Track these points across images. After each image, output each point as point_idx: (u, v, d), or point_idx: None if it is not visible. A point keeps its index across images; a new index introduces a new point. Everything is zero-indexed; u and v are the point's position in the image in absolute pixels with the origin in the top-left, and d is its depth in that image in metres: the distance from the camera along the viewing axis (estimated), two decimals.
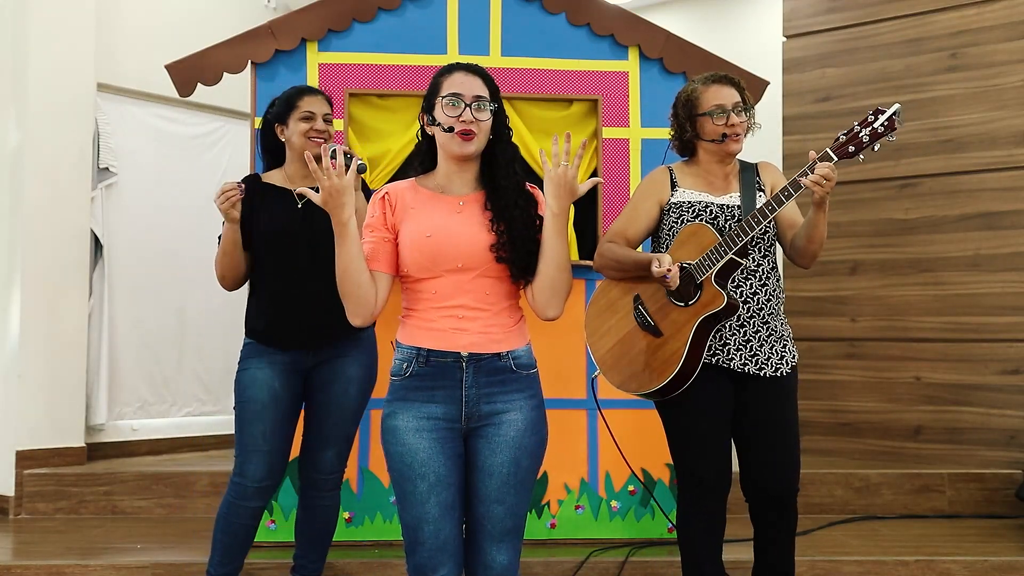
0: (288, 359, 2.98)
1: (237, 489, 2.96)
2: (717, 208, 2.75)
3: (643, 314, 2.73)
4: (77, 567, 3.42)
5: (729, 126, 2.74)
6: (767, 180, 2.85)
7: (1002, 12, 4.75)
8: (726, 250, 2.62)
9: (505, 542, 2.23)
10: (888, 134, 2.56)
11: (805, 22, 5.27)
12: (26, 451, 4.42)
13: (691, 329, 2.63)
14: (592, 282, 3.80)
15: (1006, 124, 4.69)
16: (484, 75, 2.27)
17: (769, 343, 2.73)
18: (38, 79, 4.55)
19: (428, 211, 2.23)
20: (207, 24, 5.25)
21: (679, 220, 2.76)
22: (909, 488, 4.37)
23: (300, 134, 3.00)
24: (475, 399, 2.20)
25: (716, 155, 2.79)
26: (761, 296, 2.73)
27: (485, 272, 2.21)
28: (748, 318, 2.71)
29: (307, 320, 2.95)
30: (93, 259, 4.94)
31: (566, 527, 3.77)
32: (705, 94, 2.77)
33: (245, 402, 2.96)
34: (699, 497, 2.76)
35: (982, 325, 4.69)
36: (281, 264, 2.98)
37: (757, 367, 2.70)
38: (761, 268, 2.74)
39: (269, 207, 3.01)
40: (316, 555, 3.15)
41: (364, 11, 3.79)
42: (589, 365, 3.81)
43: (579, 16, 3.86)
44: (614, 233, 2.84)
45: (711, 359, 2.70)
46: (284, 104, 3.06)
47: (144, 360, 5.21)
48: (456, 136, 2.20)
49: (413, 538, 2.17)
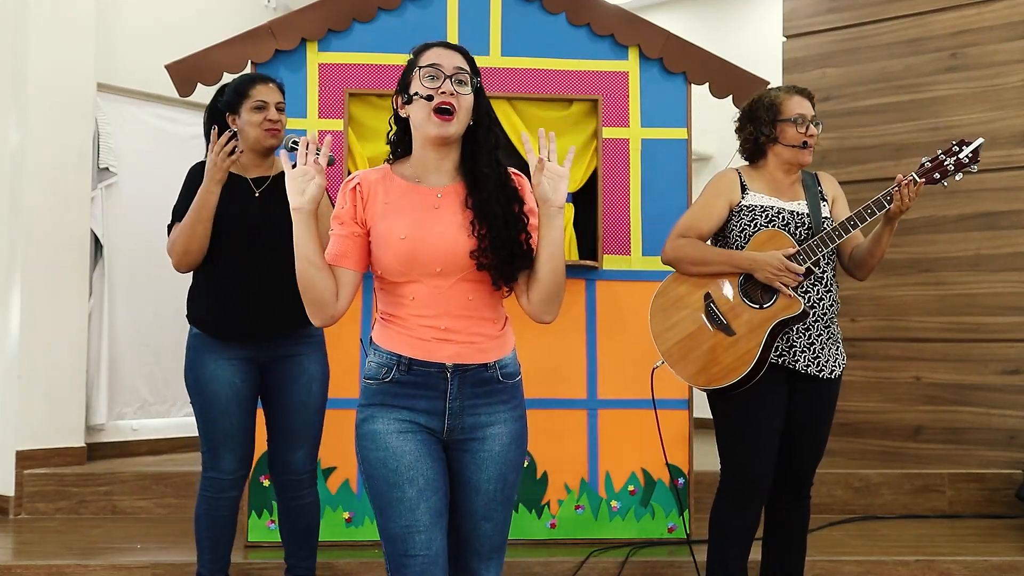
0: (244, 353, 2.94)
1: (213, 484, 2.95)
2: (788, 215, 2.85)
3: (715, 312, 2.80)
4: (77, 567, 3.42)
5: (809, 135, 2.84)
6: (828, 190, 2.97)
7: (1002, 12, 4.75)
8: (805, 259, 2.74)
9: (493, 559, 2.15)
10: (971, 165, 2.73)
11: (805, 22, 5.27)
12: (26, 451, 4.42)
13: (765, 331, 2.74)
14: (592, 283, 3.81)
15: (1006, 124, 4.69)
16: (464, 52, 2.11)
17: (828, 346, 2.85)
18: (38, 79, 4.55)
19: (403, 207, 2.05)
20: (207, 24, 5.24)
21: (751, 223, 2.84)
22: (909, 488, 4.37)
23: (254, 125, 2.95)
24: (459, 411, 2.06)
25: (788, 162, 2.89)
26: (826, 302, 2.84)
27: (465, 277, 2.05)
28: (813, 322, 2.82)
29: (261, 313, 2.90)
30: (93, 259, 4.93)
31: (566, 527, 3.77)
32: (788, 102, 2.87)
33: (208, 398, 2.93)
34: (744, 497, 2.84)
35: (982, 325, 4.69)
36: (236, 253, 2.92)
37: (818, 369, 2.82)
38: (826, 276, 2.86)
39: (226, 196, 2.93)
40: (306, 553, 3.12)
41: (364, 11, 3.79)
42: (589, 365, 3.81)
43: (579, 16, 3.86)
44: (687, 228, 2.89)
45: (777, 359, 2.79)
46: (235, 93, 2.99)
47: (144, 360, 5.21)
48: (434, 115, 2.01)
49: (402, 551, 1.99)
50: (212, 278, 2.97)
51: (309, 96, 3.76)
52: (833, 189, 2.99)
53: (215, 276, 2.96)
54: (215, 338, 2.95)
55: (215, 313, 2.96)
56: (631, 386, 3.76)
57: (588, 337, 3.81)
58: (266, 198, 2.98)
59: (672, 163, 3.88)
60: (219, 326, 2.95)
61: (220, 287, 2.95)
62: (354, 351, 3.65)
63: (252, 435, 3.02)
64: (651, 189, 3.87)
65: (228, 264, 2.94)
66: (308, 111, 3.75)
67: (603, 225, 3.84)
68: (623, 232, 3.85)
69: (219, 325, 2.95)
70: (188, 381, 2.99)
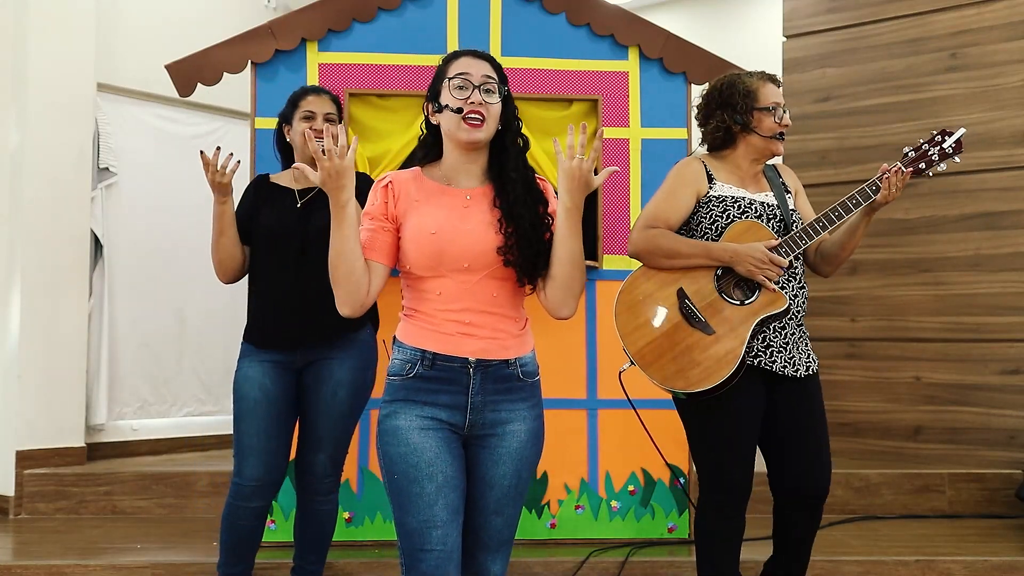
0: (279, 357, 2.98)
1: (236, 490, 2.96)
2: (760, 206, 2.71)
3: (691, 309, 2.61)
4: (77, 567, 3.42)
5: (784, 125, 2.74)
6: (790, 183, 2.87)
7: (1002, 12, 4.75)
8: (788, 251, 2.61)
9: (500, 552, 2.19)
10: (955, 155, 2.65)
11: (805, 22, 5.27)
12: (26, 451, 4.42)
13: (748, 329, 2.57)
14: (592, 283, 3.81)
15: (1006, 124, 4.69)
16: (492, 60, 2.19)
17: (802, 343, 2.74)
18: (38, 79, 4.55)
19: (433, 205, 2.13)
20: (207, 24, 5.25)
21: (723, 214, 2.68)
22: (909, 488, 4.37)
23: (300, 133, 3.03)
24: (481, 406, 2.11)
25: (759, 152, 2.75)
26: (799, 298, 2.71)
27: (492, 274, 2.11)
28: (788, 320, 2.69)
29: (294, 320, 2.94)
30: (93, 259, 4.94)
31: (566, 527, 3.77)
32: (764, 90, 2.74)
33: (238, 401, 2.96)
34: (726, 502, 2.69)
35: (982, 325, 4.69)
36: (274, 263, 2.99)
37: (794, 368, 2.68)
38: (798, 270, 2.73)
39: (271, 206, 3.04)
40: (315, 557, 3.15)
41: (364, 11, 3.79)
42: (589, 365, 3.81)
43: (579, 16, 3.86)
44: (654, 219, 2.70)
45: (753, 360, 2.64)
46: (289, 104, 3.11)
47: (144, 360, 5.21)
48: (464, 123, 2.10)
49: (418, 545, 2.03)
50: (255, 287, 3.06)
51: None
52: (794, 182, 2.87)
53: (258, 285, 3.05)
54: (255, 345, 3.01)
55: (255, 321, 3.04)
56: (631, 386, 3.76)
57: (588, 337, 3.81)
58: (308, 209, 3.02)
59: (672, 163, 3.81)
60: (257, 334, 3.02)
61: (261, 296, 3.03)
62: None
63: (282, 444, 2.98)
64: (651, 189, 3.82)
65: (267, 274, 3.02)
66: None
67: (603, 225, 3.84)
68: (623, 232, 3.85)
69: (258, 332, 3.02)
70: (233, 387, 3.02)
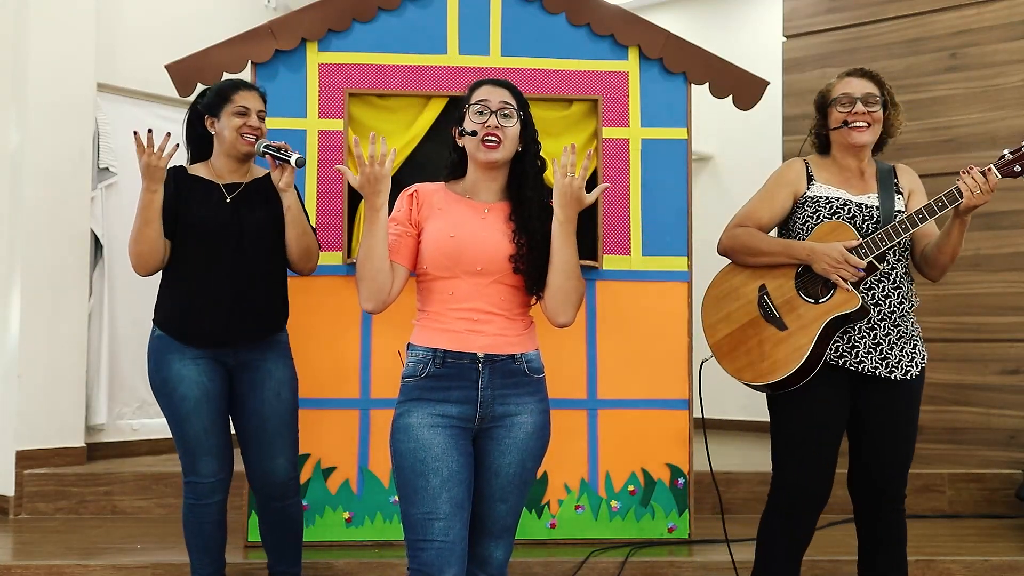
0: (210, 353, 2.91)
1: (194, 490, 2.92)
2: (855, 207, 2.69)
3: (768, 305, 2.68)
4: (77, 567, 3.42)
5: (852, 114, 2.69)
6: (905, 183, 2.81)
7: (1002, 12, 4.75)
8: (867, 253, 2.59)
9: (503, 539, 2.31)
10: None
11: (805, 22, 5.27)
12: (26, 451, 4.41)
13: (819, 327, 2.59)
14: (592, 283, 3.81)
15: (1006, 124, 4.69)
16: (512, 88, 2.39)
17: (899, 345, 2.67)
18: (38, 79, 4.55)
19: (454, 212, 2.30)
20: (207, 24, 5.24)
21: (815, 215, 2.70)
22: (909, 488, 4.31)
23: (232, 129, 2.94)
24: (490, 400, 2.24)
25: (844, 147, 2.74)
26: (893, 299, 2.67)
27: (501, 279, 2.27)
28: (879, 321, 2.65)
29: (226, 317, 2.88)
30: (93, 259, 4.93)
31: (566, 527, 3.76)
32: (837, 84, 2.76)
33: (177, 400, 2.88)
34: (796, 508, 2.68)
35: (982, 325, 4.69)
36: (202, 258, 2.91)
37: (888, 370, 2.65)
38: (895, 272, 2.68)
39: (198, 200, 2.94)
40: (292, 558, 3.08)
41: (364, 11, 3.78)
42: (589, 365, 3.81)
43: (579, 16, 3.86)
44: (745, 217, 2.79)
45: (838, 360, 2.64)
46: (216, 96, 2.99)
47: (144, 360, 5.16)
48: (482, 144, 2.27)
49: (421, 535, 2.13)
50: (178, 281, 2.95)
51: (309, 96, 3.76)
52: (911, 182, 2.82)
53: (181, 279, 2.94)
54: (178, 341, 2.90)
55: (179, 315, 2.92)
56: (631, 386, 3.77)
57: (588, 337, 3.81)
58: (236, 204, 2.96)
59: (672, 163, 3.88)
60: (182, 329, 2.91)
61: (185, 290, 2.93)
62: (354, 353, 3.66)
63: (227, 438, 2.96)
64: (651, 189, 3.86)
65: (194, 268, 2.92)
66: (308, 111, 3.75)
67: (603, 225, 3.83)
68: (623, 232, 3.85)
69: (182, 328, 2.91)
70: (155, 385, 2.94)
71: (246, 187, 2.99)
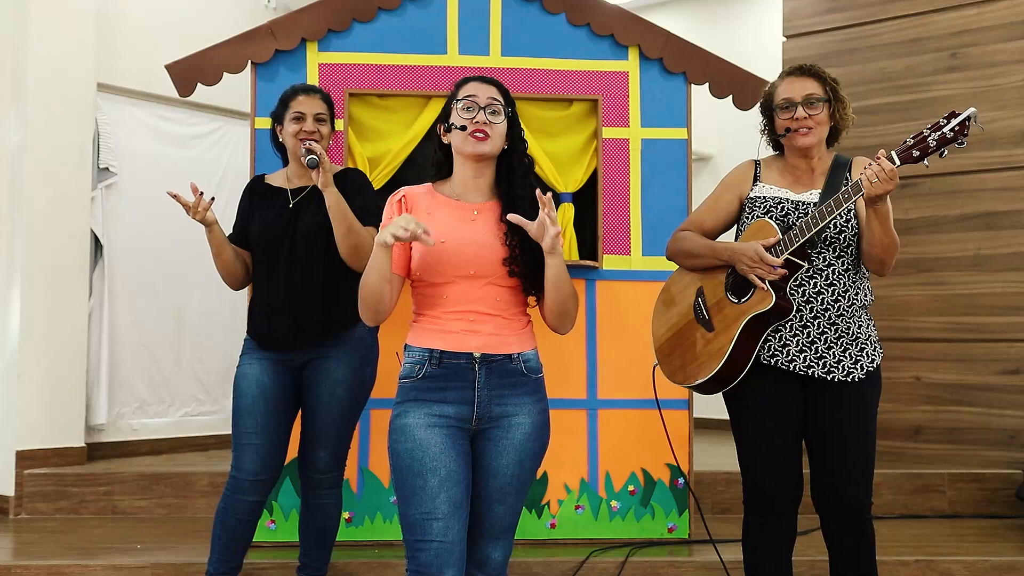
0: (278, 355, 3.01)
1: (233, 483, 2.98)
2: (791, 205, 2.64)
3: (701, 307, 2.70)
4: (77, 567, 3.42)
5: (794, 120, 2.63)
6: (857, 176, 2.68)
7: (1002, 12, 4.75)
8: (783, 250, 2.55)
9: (502, 539, 2.29)
10: (958, 140, 2.44)
11: (805, 22, 5.27)
12: (26, 451, 4.41)
13: (738, 326, 2.56)
14: (592, 283, 3.82)
15: (1006, 124, 4.69)
16: (498, 85, 2.34)
17: (840, 346, 2.59)
18: (38, 79, 4.55)
19: (443, 217, 2.27)
20: (207, 24, 5.24)
21: (751, 215, 2.68)
22: (909, 488, 4.37)
23: (291, 135, 3.03)
24: (487, 400, 2.22)
25: (791, 148, 2.71)
26: (827, 296, 2.59)
27: (496, 281, 2.25)
28: (812, 319, 2.58)
29: (285, 323, 2.97)
30: (93, 259, 4.93)
31: (566, 527, 3.77)
32: (779, 87, 2.70)
33: (237, 397, 2.99)
34: (765, 508, 2.63)
35: (982, 325, 4.69)
36: (266, 265, 3.03)
37: (824, 370, 2.58)
38: (833, 268, 2.60)
39: (264, 207, 3.06)
40: (320, 554, 3.16)
41: (364, 11, 3.78)
42: (589, 365, 3.81)
43: (579, 16, 3.86)
44: (690, 222, 2.81)
45: (770, 360, 2.60)
46: (280, 104, 3.11)
47: (144, 360, 5.21)
48: (470, 136, 2.24)
49: (420, 536, 2.12)
50: (254, 288, 3.13)
51: None
52: None
53: (255, 286, 3.12)
54: (255, 342, 3.04)
55: (251, 320, 3.09)
56: (631, 386, 3.76)
57: (588, 337, 3.81)
58: (298, 209, 3.03)
59: (672, 163, 3.88)
60: (252, 332, 3.07)
61: (256, 296, 3.10)
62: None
63: (279, 440, 3.01)
64: (651, 189, 3.86)
65: (261, 274, 3.06)
66: None
67: (603, 225, 3.83)
68: (623, 232, 3.85)
69: (252, 331, 3.07)
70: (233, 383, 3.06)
71: (310, 191, 3.04)
